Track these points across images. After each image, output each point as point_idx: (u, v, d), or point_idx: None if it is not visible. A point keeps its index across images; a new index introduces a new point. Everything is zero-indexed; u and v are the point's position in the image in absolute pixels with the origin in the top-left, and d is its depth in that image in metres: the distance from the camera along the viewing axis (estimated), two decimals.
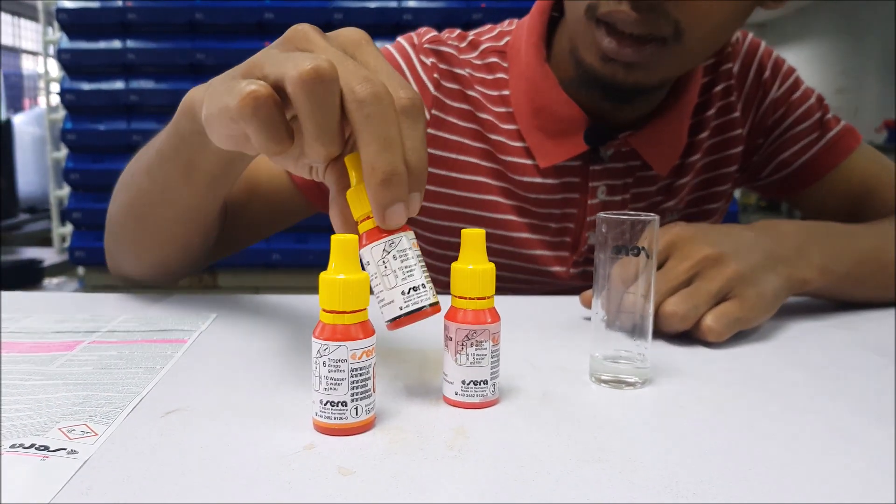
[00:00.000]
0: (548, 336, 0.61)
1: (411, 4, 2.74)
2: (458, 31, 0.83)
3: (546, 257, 0.81)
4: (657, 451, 0.39)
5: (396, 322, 0.41)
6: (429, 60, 0.78)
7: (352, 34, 0.44)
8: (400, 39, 0.81)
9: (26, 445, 0.36)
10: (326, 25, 2.07)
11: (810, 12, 9.45)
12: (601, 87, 0.72)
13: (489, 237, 0.78)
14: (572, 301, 0.70)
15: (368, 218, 0.41)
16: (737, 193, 1.67)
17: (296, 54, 0.40)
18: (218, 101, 0.43)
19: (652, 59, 0.66)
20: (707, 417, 0.44)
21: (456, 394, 0.44)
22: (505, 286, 0.83)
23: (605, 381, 0.49)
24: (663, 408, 0.45)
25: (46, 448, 0.36)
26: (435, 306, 0.41)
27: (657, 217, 0.47)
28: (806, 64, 9.62)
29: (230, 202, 0.73)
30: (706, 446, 0.39)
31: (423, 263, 0.42)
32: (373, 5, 2.74)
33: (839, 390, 0.49)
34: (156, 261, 0.72)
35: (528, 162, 0.78)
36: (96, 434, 0.39)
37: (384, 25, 2.74)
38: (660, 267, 0.59)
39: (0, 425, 0.39)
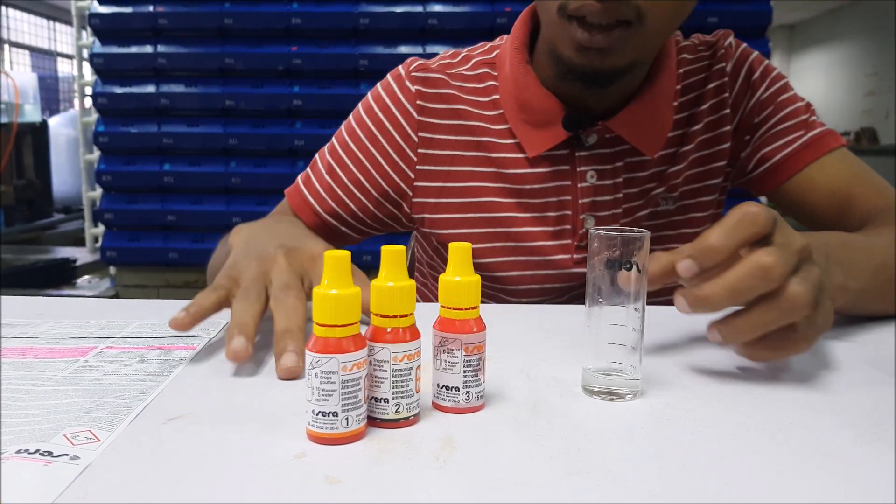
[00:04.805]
0: (544, 346, 0.62)
1: (437, 9, 2.76)
2: (454, 51, 0.93)
3: (549, 247, 0.86)
4: (638, 464, 0.40)
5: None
6: (413, 88, 0.87)
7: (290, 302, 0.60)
8: (388, 76, 0.90)
9: (31, 451, 0.38)
10: (353, 31, 2.11)
11: (840, 14, 9.32)
12: (580, 76, 0.77)
13: (494, 236, 0.84)
14: (571, 310, 0.71)
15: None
16: (764, 199, 1.66)
17: (279, 315, 0.58)
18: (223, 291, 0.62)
19: (620, 42, 0.72)
20: (693, 431, 0.44)
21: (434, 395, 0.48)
22: (511, 280, 0.87)
23: (597, 393, 0.50)
24: (651, 421, 0.46)
25: (50, 453, 0.38)
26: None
27: (648, 233, 0.48)
28: (835, 66, 9.49)
29: None
30: (687, 460, 0.40)
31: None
32: (398, 10, 2.76)
33: (832, 405, 0.49)
34: None
35: (520, 155, 0.85)
36: (99, 440, 0.41)
37: (410, 30, 2.77)
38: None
39: (4, 430, 0.41)
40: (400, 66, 0.90)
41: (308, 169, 0.93)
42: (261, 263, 0.63)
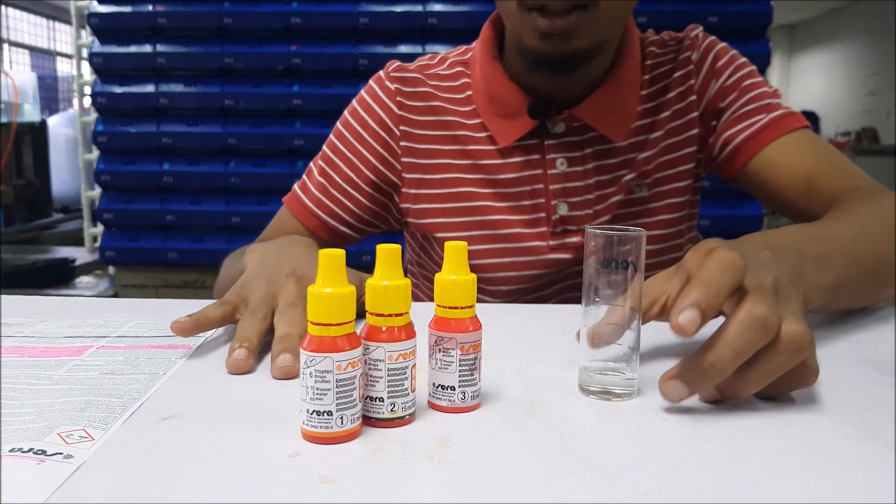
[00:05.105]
0: (541, 345, 0.62)
1: (437, 8, 2.76)
2: (431, 55, 0.99)
3: (525, 234, 0.89)
4: (633, 463, 0.39)
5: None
6: (393, 86, 0.93)
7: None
8: (371, 80, 0.96)
9: (24, 450, 0.38)
10: (352, 30, 2.12)
11: (840, 14, 9.32)
12: (547, 64, 0.81)
13: (472, 225, 0.89)
14: (569, 309, 0.71)
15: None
16: (767, 205, 1.66)
17: (280, 324, 0.60)
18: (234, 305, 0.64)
19: (579, 24, 0.77)
20: (688, 431, 0.44)
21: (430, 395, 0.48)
22: (490, 268, 0.90)
23: (594, 393, 0.50)
24: (646, 420, 0.46)
25: (44, 452, 0.38)
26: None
27: (644, 232, 0.48)
28: (836, 66, 9.48)
29: None
30: (683, 460, 0.40)
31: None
32: (398, 9, 2.76)
33: (829, 404, 0.49)
34: None
35: (493, 147, 0.90)
36: (93, 439, 0.41)
37: (409, 30, 2.76)
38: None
39: (1, 430, 0.41)
40: (379, 72, 0.96)
41: (304, 176, 0.97)
42: (270, 286, 0.65)
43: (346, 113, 0.96)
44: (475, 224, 0.90)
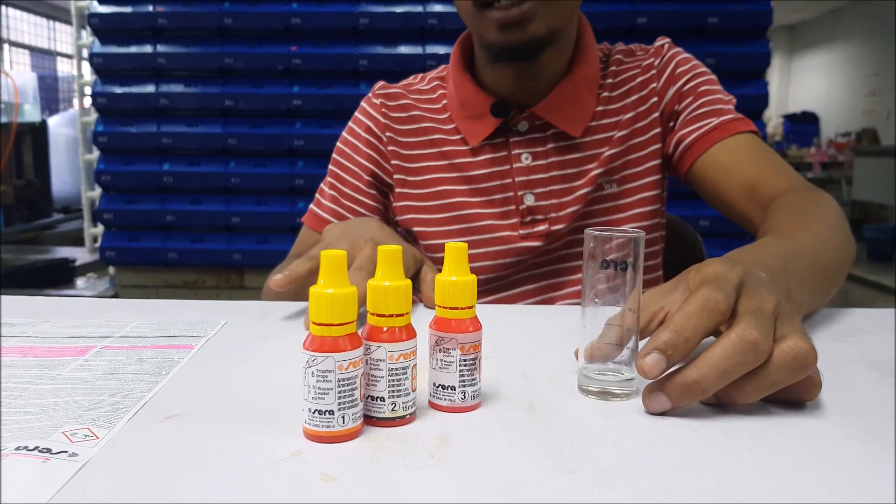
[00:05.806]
0: (541, 346, 0.63)
1: (437, 9, 2.76)
2: (414, 75, 1.11)
3: (498, 226, 0.97)
4: (631, 463, 0.40)
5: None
6: (378, 101, 1.04)
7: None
8: (362, 101, 1.07)
9: (30, 448, 0.39)
10: (352, 31, 2.14)
11: (840, 14, 9.33)
12: (510, 54, 0.90)
13: (449, 220, 0.96)
14: (568, 310, 0.72)
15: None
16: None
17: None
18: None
19: (532, 11, 0.85)
20: (686, 431, 0.45)
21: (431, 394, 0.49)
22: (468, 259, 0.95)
23: (593, 393, 0.50)
24: (645, 420, 0.46)
25: (49, 450, 0.39)
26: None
27: (642, 233, 0.49)
28: (836, 67, 9.49)
29: None
30: (681, 460, 0.40)
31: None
32: (398, 10, 2.76)
33: (826, 404, 0.49)
34: None
35: (465, 147, 0.99)
36: (97, 438, 0.41)
37: (410, 30, 2.77)
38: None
39: (3, 427, 0.42)
40: (368, 94, 1.07)
41: (316, 195, 1.05)
42: (352, 248, 0.74)
43: (342, 133, 1.06)
44: (453, 219, 0.98)
